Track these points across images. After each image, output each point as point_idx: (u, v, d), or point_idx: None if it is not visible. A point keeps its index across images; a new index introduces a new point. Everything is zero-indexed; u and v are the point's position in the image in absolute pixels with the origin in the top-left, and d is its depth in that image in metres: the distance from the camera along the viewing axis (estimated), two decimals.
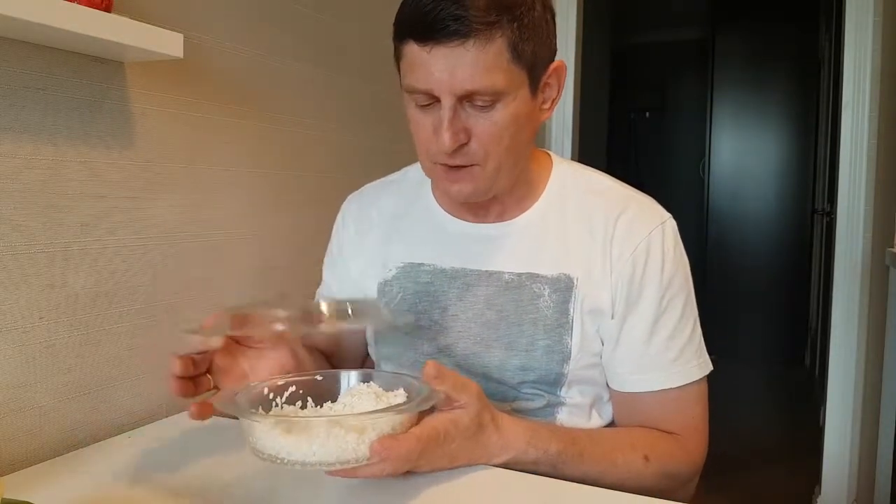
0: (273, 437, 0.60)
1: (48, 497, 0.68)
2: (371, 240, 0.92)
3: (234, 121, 1.09)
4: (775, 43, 3.99)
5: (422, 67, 0.70)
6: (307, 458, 0.60)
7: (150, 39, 0.81)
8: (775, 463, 2.60)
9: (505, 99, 0.72)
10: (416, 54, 0.70)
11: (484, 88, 0.70)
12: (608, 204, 0.83)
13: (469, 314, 0.83)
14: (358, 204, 0.97)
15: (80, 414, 0.86)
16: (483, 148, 0.74)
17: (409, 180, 0.95)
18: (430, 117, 0.74)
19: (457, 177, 0.76)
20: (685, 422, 0.82)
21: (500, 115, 0.72)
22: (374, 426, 0.62)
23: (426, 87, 0.71)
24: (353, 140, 1.39)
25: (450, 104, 0.71)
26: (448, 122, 0.71)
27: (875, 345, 1.86)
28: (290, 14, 1.20)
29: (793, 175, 4.02)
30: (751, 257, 4.10)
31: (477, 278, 0.84)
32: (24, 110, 0.78)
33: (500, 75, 0.70)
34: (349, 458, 0.60)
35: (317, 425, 0.60)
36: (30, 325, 0.80)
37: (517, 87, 0.72)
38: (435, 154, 0.75)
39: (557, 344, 0.80)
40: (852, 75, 1.86)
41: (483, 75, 0.69)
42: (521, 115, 0.74)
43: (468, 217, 0.87)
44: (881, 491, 1.80)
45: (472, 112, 0.72)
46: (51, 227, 0.81)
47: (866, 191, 1.86)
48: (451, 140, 0.71)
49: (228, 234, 1.09)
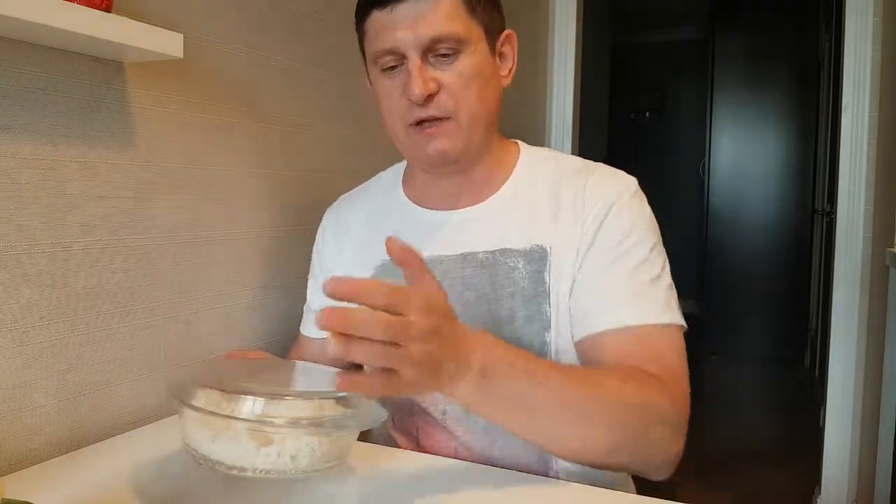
0: (188, 426, 0.62)
1: (48, 497, 0.67)
2: (350, 247, 0.95)
3: (234, 121, 1.09)
4: (775, 43, 3.99)
5: (385, 29, 0.77)
6: (209, 454, 0.60)
7: (150, 39, 0.81)
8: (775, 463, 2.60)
9: (466, 49, 0.78)
10: (378, 20, 0.78)
11: (446, 34, 0.76)
12: (576, 174, 0.85)
13: (450, 298, 0.83)
14: (335, 216, 1.00)
15: (80, 414, 0.86)
16: (453, 98, 0.78)
17: (382, 183, 0.98)
18: (397, 80, 0.79)
19: (433, 132, 0.79)
20: (660, 369, 0.72)
21: (463, 65, 0.78)
22: (280, 440, 0.60)
23: (392, 46, 0.77)
24: (353, 140, 1.39)
25: (416, 56, 0.76)
26: (417, 70, 0.76)
27: (875, 345, 1.86)
28: (290, 14, 1.20)
29: (793, 175, 4.02)
30: (751, 257, 4.10)
31: (452, 263, 0.85)
32: (23, 110, 0.78)
33: (460, 23, 0.77)
34: (245, 465, 0.59)
35: (225, 425, 0.60)
36: (30, 325, 0.79)
37: (476, 39, 0.79)
38: (406, 113, 0.79)
39: (537, 313, 0.80)
40: (852, 75, 1.86)
41: (444, 22, 0.76)
42: (485, 68, 0.80)
43: (439, 206, 0.88)
44: (881, 491, 1.80)
45: (437, 65, 0.77)
46: (51, 227, 0.81)
47: (866, 191, 1.86)
48: (421, 87, 0.76)
49: (228, 234, 1.09)
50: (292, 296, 1.01)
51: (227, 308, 1.08)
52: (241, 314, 1.11)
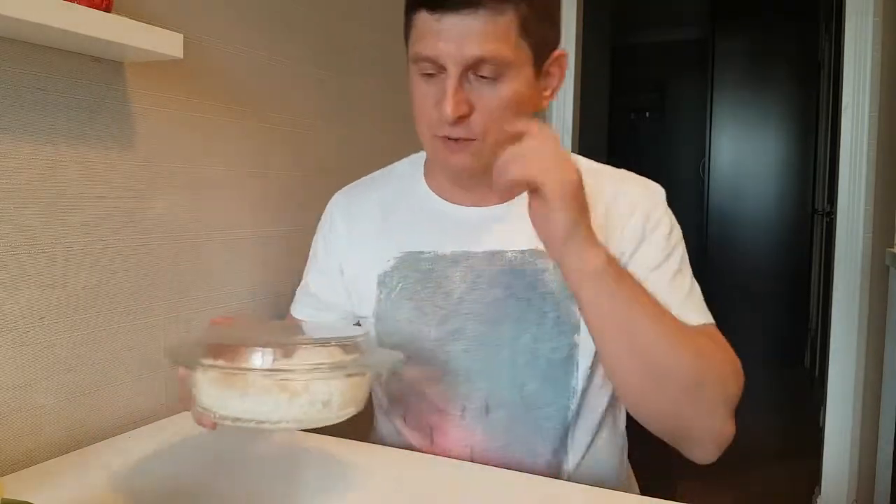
0: (206, 388, 0.59)
1: (48, 497, 0.67)
2: (365, 235, 0.92)
3: (234, 121, 1.09)
4: (775, 43, 3.99)
5: (431, 35, 0.72)
6: (239, 414, 0.58)
7: (150, 39, 0.81)
8: (775, 463, 2.60)
9: (510, 73, 0.73)
10: (425, 22, 0.72)
11: (492, 56, 0.71)
12: (606, 181, 0.84)
13: (475, 295, 0.83)
14: (346, 202, 0.96)
15: (80, 414, 0.86)
16: (483, 123, 0.74)
17: (398, 174, 0.95)
18: (433, 88, 0.75)
19: (456, 148, 0.77)
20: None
21: (504, 90, 0.73)
22: (307, 389, 0.58)
23: (433, 55, 0.72)
24: (353, 140, 1.39)
25: (455, 73, 0.72)
26: (452, 90, 0.72)
27: (875, 345, 1.86)
28: (290, 14, 1.20)
29: (793, 175, 4.02)
30: (751, 257, 4.10)
31: (479, 260, 0.84)
32: (23, 110, 0.78)
33: (508, 47, 0.71)
34: (277, 418, 0.58)
35: (252, 380, 0.57)
36: (30, 325, 0.79)
37: (522, 63, 0.74)
38: (435, 125, 0.76)
39: (566, 315, 0.81)
40: (852, 75, 1.86)
41: (492, 43, 0.70)
42: (524, 94, 0.76)
43: (464, 201, 0.87)
44: (881, 491, 1.80)
45: (476, 85, 0.73)
46: (51, 227, 0.81)
47: (866, 191, 1.85)
48: (453, 110, 0.72)
49: (228, 234, 1.09)
50: (292, 295, 1.01)
51: (227, 308, 1.08)
52: (240, 314, 1.11)
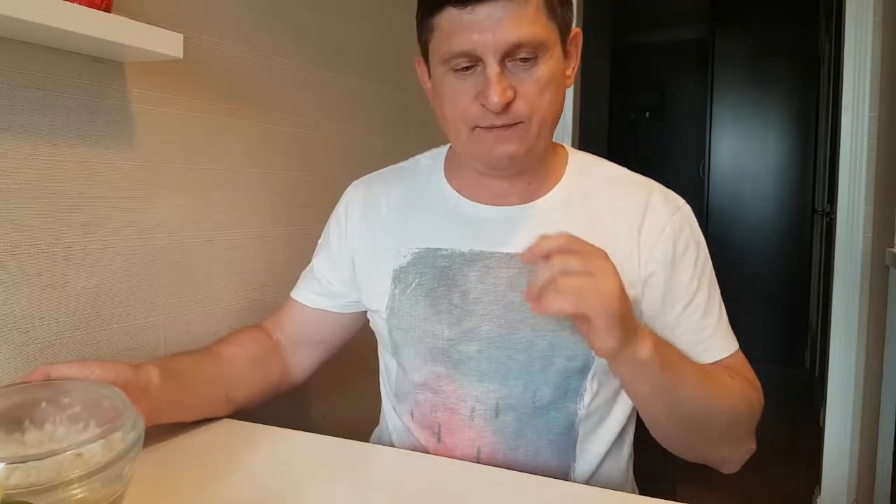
0: None
1: None
2: (381, 228, 0.91)
3: (234, 121, 1.09)
4: (775, 43, 3.99)
5: (463, 30, 0.72)
6: None
7: (150, 39, 0.81)
8: (775, 463, 2.60)
9: (545, 54, 0.74)
10: (455, 18, 0.72)
11: (528, 40, 0.72)
12: (632, 191, 0.85)
13: (491, 296, 0.82)
14: (365, 191, 0.95)
15: None
16: (529, 105, 0.75)
17: (421, 167, 0.94)
18: (469, 82, 0.75)
19: (505, 136, 0.76)
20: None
21: (542, 71, 0.74)
22: None
23: (469, 48, 0.72)
24: (353, 140, 1.39)
25: (495, 61, 0.72)
26: (496, 78, 0.72)
27: (875, 345, 1.86)
28: (289, 14, 1.20)
29: (793, 175, 4.02)
30: (751, 257, 4.10)
31: (497, 261, 0.83)
32: (23, 110, 0.78)
33: (541, 28, 0.73)
34: None
35: None
36: (30, 325, 0.79)
37: (553, 43, 0.75)
38: (478, 117, 0.76)
39: None
40: (852, 75, 1.86)
41: (525, 27, 0.71)
42: (558, 74, 0.77)
43: (485, 200, 0.86)
44: (881, 491, 1.81)
45: (514, 71, 0.74)
46: (51, 227, 0.81)
47: (866, 191, 1.86)
48: (500, 96, 0.72)
49: (228, 234, 1.09)
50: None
51: (227, 308, 1.08)
52: (240, 314, 1.11)
